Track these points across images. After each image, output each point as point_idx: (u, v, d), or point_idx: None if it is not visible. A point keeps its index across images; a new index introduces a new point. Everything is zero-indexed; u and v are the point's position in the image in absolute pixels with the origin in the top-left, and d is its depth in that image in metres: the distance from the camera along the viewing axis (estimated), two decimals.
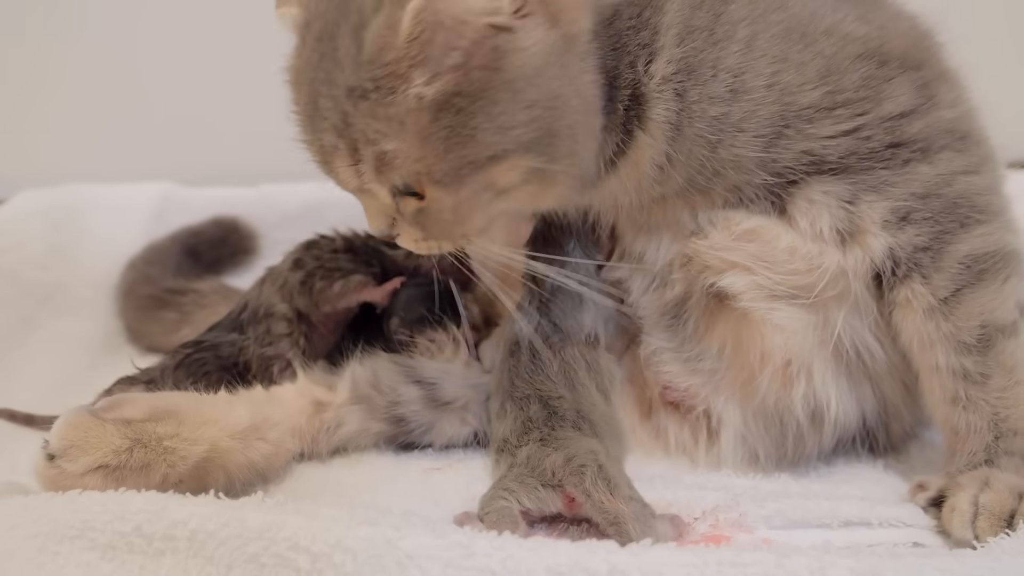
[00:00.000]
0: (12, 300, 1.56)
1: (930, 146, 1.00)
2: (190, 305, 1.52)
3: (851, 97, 0.99)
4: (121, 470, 0.91)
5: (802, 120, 0.98)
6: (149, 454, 0.93)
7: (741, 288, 1.05)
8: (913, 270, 1.00)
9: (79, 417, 0.94)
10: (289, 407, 1.11)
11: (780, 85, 0.97)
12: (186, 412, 1.00)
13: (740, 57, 0.96)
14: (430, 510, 0.98)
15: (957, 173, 1.01)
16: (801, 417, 1.08)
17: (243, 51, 1.96)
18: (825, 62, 0.98)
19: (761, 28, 0.97)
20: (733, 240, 1.05)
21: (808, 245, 1.02)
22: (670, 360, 1.13)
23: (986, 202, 1.01)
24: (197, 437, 0.98)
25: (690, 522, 0.94)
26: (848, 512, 0.96)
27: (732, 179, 1.02)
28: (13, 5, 1.98)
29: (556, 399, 1.04)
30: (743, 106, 0.97)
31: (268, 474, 1.06)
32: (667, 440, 1.15)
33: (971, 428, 0.99)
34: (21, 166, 1.98)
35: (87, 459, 0.91)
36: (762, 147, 0.98)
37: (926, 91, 1.02)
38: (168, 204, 1.82)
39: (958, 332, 0.98)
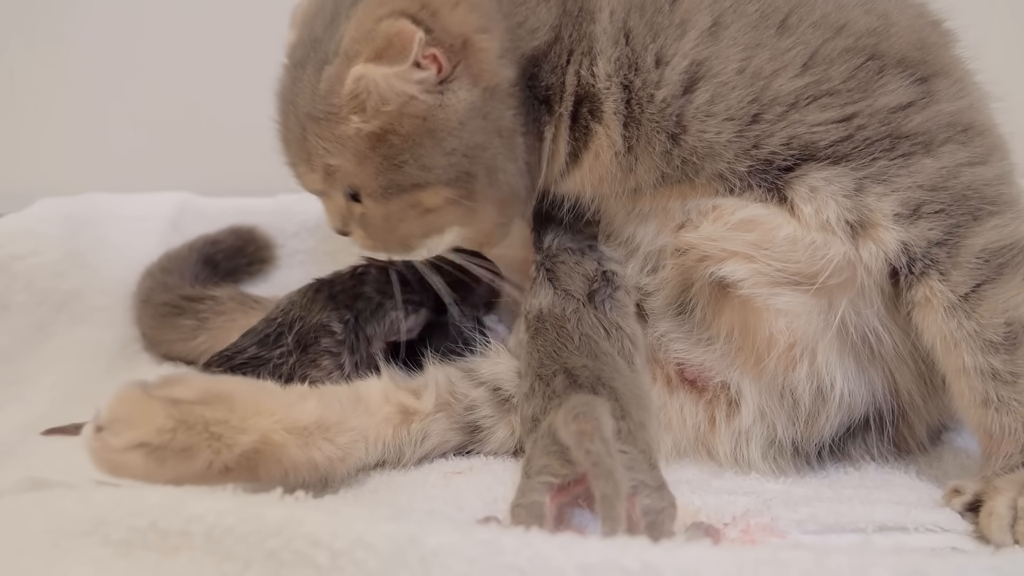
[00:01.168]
0: (29, 307, 1.55)
1: (932, 140, 1.00)
2: (207, 312, 1.51)
3: (838, 88, 1.00)
4: (162, 451, 0.87)
5: (782, 105, 1.00)
6: (193, 437, 0.89)
7: (742, 275, 1.06)
8: (930, 267, 0.98)
9: (129, 391, 0.90)
10: (375, 416, 1.07)
11: (751, 70, 1.00)
12: (240, 399, 0.95)
13: (698, 44, 1.02)
14: (452, 513, 0.95)
15: (962, 165, 1.00)
16: (808, 394, 1.07)
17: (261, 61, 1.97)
18: (808, 51, 1.01)
19: (730, 17, 1.02)
20: (728, 230, 1.05)
21: (812, 234, 1.02)
22: (680, 340, 1.14)
23: (996, 193, 1.00)
24: (247, 426, 0.93)
25: (720, 528, 0.91)
26: (884, 516, 0.93)
27: (711, 168, 1.04)
28: (30, 16, 1.99)
29: (579, 368, 1.03)
30: (707, 90, 1.01)
31: (331, 478, 1.00)
32: (684, 421, 1.14)
33: (1005, 430, 0.96)
34: (39, 178, 1.98)
35: (129, 434, 0.87)
36: (735, 131, 1.01)
37: (924, 86, 1.02)
38: (185, 213, 1.81)
39: (982, 330, 0.96)
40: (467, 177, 1.05)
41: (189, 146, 2.02)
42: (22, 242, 1.59)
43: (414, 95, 0.98)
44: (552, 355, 1.07)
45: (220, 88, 2.00)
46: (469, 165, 1.04)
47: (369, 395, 1.09)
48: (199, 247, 1.69)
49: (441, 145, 1.02)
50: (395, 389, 1.11)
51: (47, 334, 1.55)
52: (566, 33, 1.08)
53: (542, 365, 1.06)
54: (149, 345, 1.58)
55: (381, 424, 1.08)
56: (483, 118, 1.03)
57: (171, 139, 2.03)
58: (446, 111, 1.01)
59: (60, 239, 1.64)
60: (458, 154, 1.03)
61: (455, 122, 1.01)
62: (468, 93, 1.02)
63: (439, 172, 1.03)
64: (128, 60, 2.01)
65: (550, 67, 1.08)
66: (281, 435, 0.95)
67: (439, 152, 1.02)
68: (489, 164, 1.06)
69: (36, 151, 2.06)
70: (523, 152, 1.09)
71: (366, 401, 1.08)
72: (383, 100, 0.98)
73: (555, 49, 1.08)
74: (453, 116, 1.01)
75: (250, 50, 1.98)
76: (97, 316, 1.61)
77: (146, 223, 1.76)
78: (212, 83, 2.00)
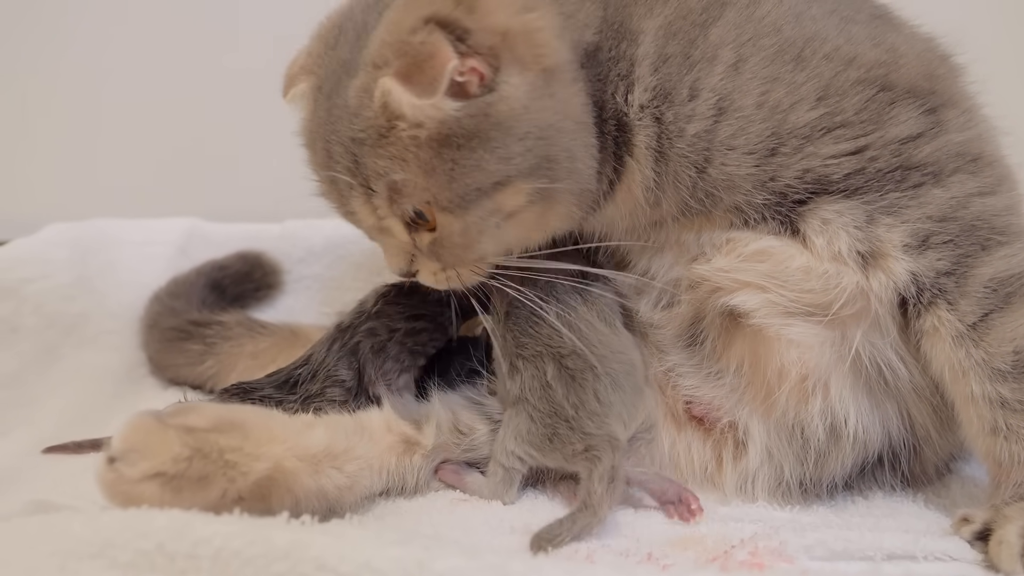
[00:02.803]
0: (37, 330, 1.55)
1: (941, 170, 1.01)
2: (214, 337, 1.52)
3: (851, 119, 1.01)
4: (179, 480, 0.87)
5: (797, 138, 1.01)
6: (209, 466, 0.88)
7: (754, 305, 1.06)
8: (938, 296, 0.99)
9: (142, 420, 0.89)
10: (379, 444, 1.07)
11: (770, 103, 1.01)
12: (253, 426, 0.95)
13: (724, 78, 1.02)
14: (459, 538, 0.95)
15: (972, 195, 1.00)
16: (820, 432, 1.07)
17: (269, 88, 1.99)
18: (822, 84, 1.02)
19: (749, 51, 1.02)
20: (741, 261, 1.06)
21: (824, 265, 1.02)
22: (690, 375, 1.13)
23: (1005, 223, 1.00)
24: (261, 453, 0.92)
25: (727, 549, 0.91)
26: (892, 545, 0.93)
27: (729, 200, 1.04)
28: (42, 44, 2.02)
29: (569, 355, 1.05)
30: (731, 124, 1.01)
31: (339, 507, 0.99)
32: (692, 460, 1.14)
33: (1015, 458, 0.96)
34: (48, 204, 1.99)
35: (145, 464, 0.86)
36: (754, 164, 1.02)
37: (933, 116, 1.03)
38: (193, 239, 1.82)
39: (991, 359, 0.96)
40: (548, 163, 0.98)
41: (197, 172, 2.04)
42: (31, 266, 1.60)
43: (450, 114, 0.93)
44: (532, 334, 1.09)
45: (228, 115, 2.02)
46: (547, 147, 0.98)
47: (372, 425, 1.09)
48: (206, 272, 1.70)
49: (513, 132, 0.95)
50: (397, 420, 1.11)
51: (55, 357, 1.55)
52: (606, 44, 1.04)
53: (521, 345, 1.08)
54: (156, 369, 1.58)
55: (385, 453, 1.07)
56: (550, 97, 0.98)
57: (179, 165, 2.04)
58: (506, 103, 0.95)
59: (69, 264, 1.64)
60: (532, 137, 0.96)
61: (518, 108, 0.95)
62: (522, 78, 0.96)
63: (518, 161, 0.96)
64: (137, 87, 2.03)
65: (595, 76, 1.04)
66: (293, 462, 0.94)
67: (513, 139, 0.95)
68: (566, 144, 1.00)
69: (46, 177, 2.07)
70: (595, 148, 1.04)
71: (369, 431, 1.08)
72: (416, 122, 0.93)
73: (598, 57, 1.04)
74: (514, 104, 0.95)
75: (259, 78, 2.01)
76: (105, 340, 1.61)
77: (154, 248, 1.77)
78: (220, 110, 2.02)
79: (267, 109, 1.96)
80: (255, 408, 1.04)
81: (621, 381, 1.05)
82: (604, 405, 1.02)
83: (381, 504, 1.07)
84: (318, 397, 1.16)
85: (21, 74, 2.04)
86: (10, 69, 2.03)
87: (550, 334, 1.08)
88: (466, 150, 0.94)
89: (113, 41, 2.02)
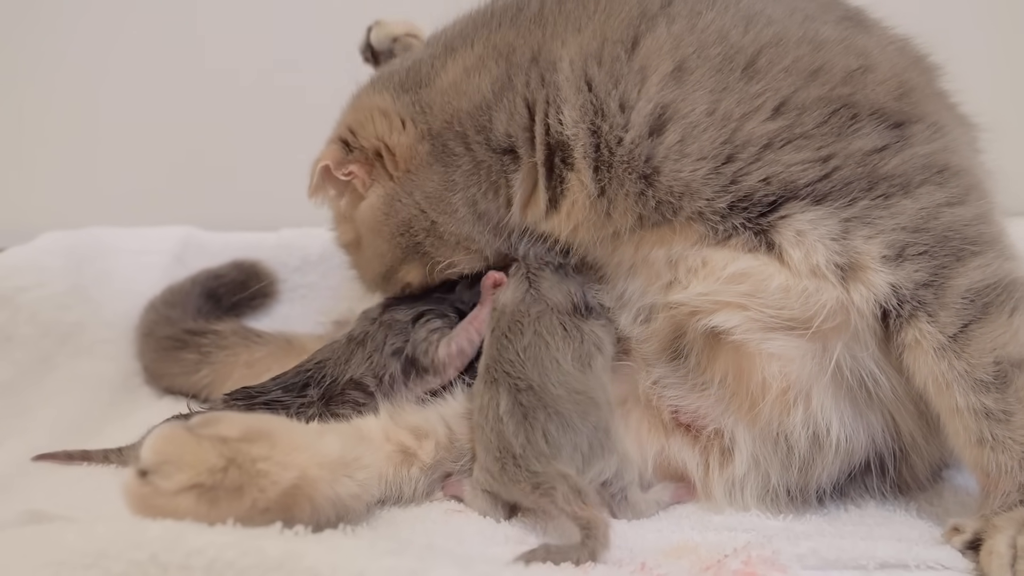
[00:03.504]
0: (32, 339, 1.55)
1: (909, 181, 1.02)
2: (210, 346, 1.52)
3: (811, 132, 1.02)
4: (215, 491, 0.85)
5: (755, 146, 1.03)
6: (243, 475, 0.87)
7: (735, 323, 1.07)
8: (918, 308, 0.99)
9: (175, 431, 0.88)
10: (378, 452, 1.07)
11: (721, 112, 1.03)
12: (279, 434, 0.94)
13: (663, 87, 1.05)
14: (453, 548, 0.95)
15: (941, 206, 1.01)
16: (803, 440, 1.07)
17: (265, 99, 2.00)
18: (779, 97, 1.03)
19: (694, 61, 1.06)
20: (719, 284, 1.06)
21: (804, 282, 1.02)
22: (675, 386, 1.14)
23: (977, 232, 1.01)
24: (289, 462, 0.91)
25: (720, 558, 0.91)
26: (885, 553, 0.93)
27: (689, 207, 1.05)
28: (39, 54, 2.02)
29: (525, 391, 1.04)
30: (677, 131, 1.04)
31: (348, 515, 0.98)
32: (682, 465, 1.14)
33: (1002, 468, 0.96)
34: (44, 212, 1.99)
35: (182, 476, 0.84)
36: (711, 169, 1.03)
37: (899, 130, 1.04)
38: (189, 248, 1.82)
39: (972, 370, 0.97)
40: (415, 246, 1.22)
41: (193, 181, 2.04)
42: (26, 275, 1.60)
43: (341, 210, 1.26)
44: (495, 355, 1.09)
45: (225, 124, 2.02)
46: (411, 237, 1.22)
47: (370, 433, 1.09)
48: (202, 281, 1.70)
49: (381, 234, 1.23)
50: (395, 428, 1.11)
51: (50, 367, 1.55)
52: (519, 82, 1.13)
53: (491, 359, 1.09)
54: (151, 379, 1.59)
55: (383, 462, 1.08)
56: (406, 196, 1.20)
57: (175, 174, 2.05)
58: (371, 210, 1.23)
59: (64, 272, 1.64)
60: (396, 235, 1.22)
61: (381, 214, 1.22)
62: (384, 187, 1.22)
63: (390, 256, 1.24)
64: (133, 96, 2.04)
65: (505, 116, 1.14)
66: (316, 470, 0.93)
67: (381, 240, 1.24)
68: (425, 227, 1.21)
69: (41, 185, 2.08)
70: (466, 204, 1.19)
71: (368, 439, 1.08)
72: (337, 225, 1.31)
73: (507, 98, 1.14)
74: (379, 210, 1.22)
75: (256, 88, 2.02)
76: (100, 349, 1.61)
77: (150, 257, 1.78)
78: (217, 119, 2.03)
79: (263, 118, 1.98)
80: (275, 416, 1.04)
81: (576, 423, 1.02)
82: (552, 447, 0.99)
83: (375, 513, 1.07)
84: (338, 399, 1.16)
85: (18, 83, 2.05)
86: (6, 78, 2.04)
87: (512, 361, 1.08)
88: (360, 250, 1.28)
89: (109, 50, 2.03)
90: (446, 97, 1.18)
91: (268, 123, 1.98)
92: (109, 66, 2.03)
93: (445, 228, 1.21)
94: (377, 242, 1.25)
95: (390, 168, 1.21)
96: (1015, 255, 1.04)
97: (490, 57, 1.16)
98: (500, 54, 1.16)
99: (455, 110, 1.17)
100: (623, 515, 1.05)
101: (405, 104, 1.21)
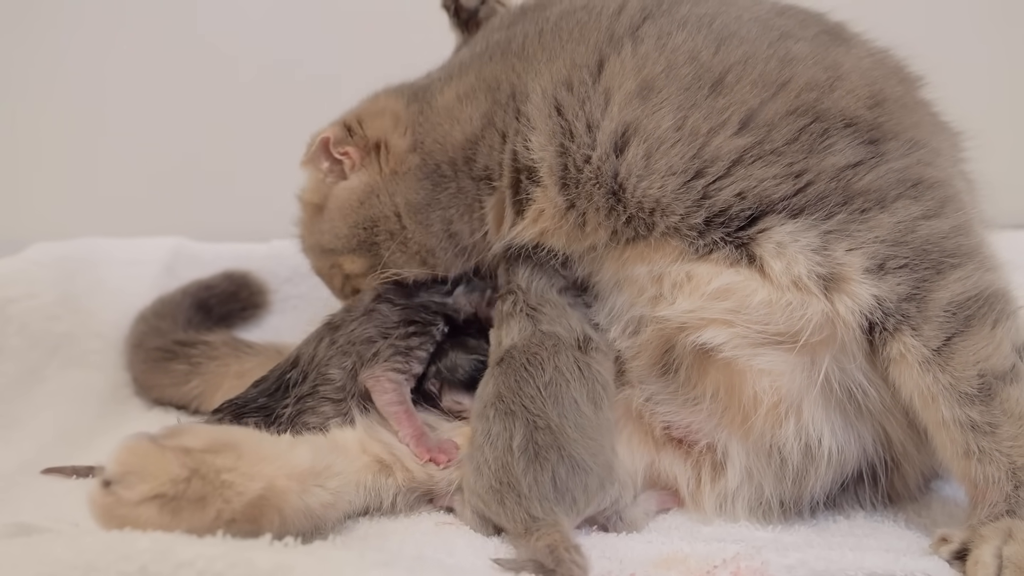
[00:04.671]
0: (22, 350, 1.54)
1: (884, 196, 1.03)
2: (200, 357, 1.51)
3: (781, 148, 1.03)
4: (178, 501, 0.86)
5: (724, 161, 1.04)
6: (206, 486, 0.88)
7: (723, 340, 1.07)
8: (902, 322, 1.00)
9: (139, 442, 0.89)
10: (355, 462, 1.08)
11: (688, 128, 1.04)
12: (246, 446, 0.95)
13: (625, 107, 1.08)
14: (443, 559, 0.95)
15: (917, 219, 1.02)
16: (795, 452, 1.08)
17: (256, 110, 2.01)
18: (744, 110, 1.05)
19: (662, 81, 1.08)
20: (704, 300, 1.07)
21: (787, 296, 1.03)
22: (667, 402, 1.14)
23: (955, 245, 1.02)
24: (255, 473, 0.92)
25: (709, 569, 0.91)
26: (873, 564, 0.93)
27: (663, 223, 1.07)
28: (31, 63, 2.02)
29: (543, 429, 1.02)
30: (642, 147, 1.06)
31: (324, 525, 1.00)
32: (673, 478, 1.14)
33: (989, 479, 0.97)
34: (35, 223, 2.00)
35: (144, 487, 0.85)
36: (679, 184, 1.05)
37: (873, 146, 1.05)
38: (180, 258, 1.82)
39: (957, 383, 0.98)
40: (371, 246, 1.27)
41: (184, 192, 2.04)
42: (16, 285, 1.59)
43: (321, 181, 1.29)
44: (513, 388, 1.07)
45: (215, 135, 2.03)
46: (369, 235, 1.26)
47: (346, 444, 1.10)
48: (193, 292, 1.70)
49: (346, 219, 1.28)
50: (370, 441, 1.12)
51: (39, 378, 1.54)
52: (498, 119, 1.19)
53: (499, 396, 1.07)
54: (140, 390, 1.58)
55: (361, 471, 1.09)
56: (386, 196, 1.25)
57: (166, 185, 2.05)
58: (348, 192, 1.27)
59: (54, 282, 1.64)
60: (358, 226, 1.26)
61: (356, 201, 1.27)
62: (369, 177, 1.26)
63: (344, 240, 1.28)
64: (125, 107, 2.04)
65: (487, 150, 1.19)
66: (284, 481, 0.94)
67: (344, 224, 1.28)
68: (392, 230, 1.25)
69: (33, 196, 2.07)
70: (442, 221, 1.23)
71: (343, 449, 1.09)
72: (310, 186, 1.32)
73: (488, 134, 1.19)
74: (355, 196, 1.27)
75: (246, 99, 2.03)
76: (89, 360, 1.61)
77: (140, 267, 1.78)
78: (208, 130, 2.03)
79: (255, 128, 1.99)
80: (245, 429, 1.05)
81: (588, 464, 1.00)
82: (559, 491, 0.98)
83: (365, 525, 1.07)
84: (310, 397, 1.16)
85: (9, 93, 2.05)
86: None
87: (533, 396, 1.06)
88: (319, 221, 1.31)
89: (101, 61, 2.03)
90: (439, 118, 1.23)
91: (260, 133, 1.98)
92: (101, 76, 2.04)
93: (414, 238, 1.25)
94: (338, 224, 1.29)
95: (382, 163, 1.26)
96: (996, 265, 1.04)
97: (480, 89, 1.21)
98: (488, 87, 1.21)
99: (447, 135, 1.22)
100: (617, 531, 1.05)
101: (412, 113, 1.27)
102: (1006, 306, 1.01)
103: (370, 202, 1.26)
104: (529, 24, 1.23)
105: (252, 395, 1.18)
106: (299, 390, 1.17)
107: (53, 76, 2.04)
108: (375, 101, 1.32)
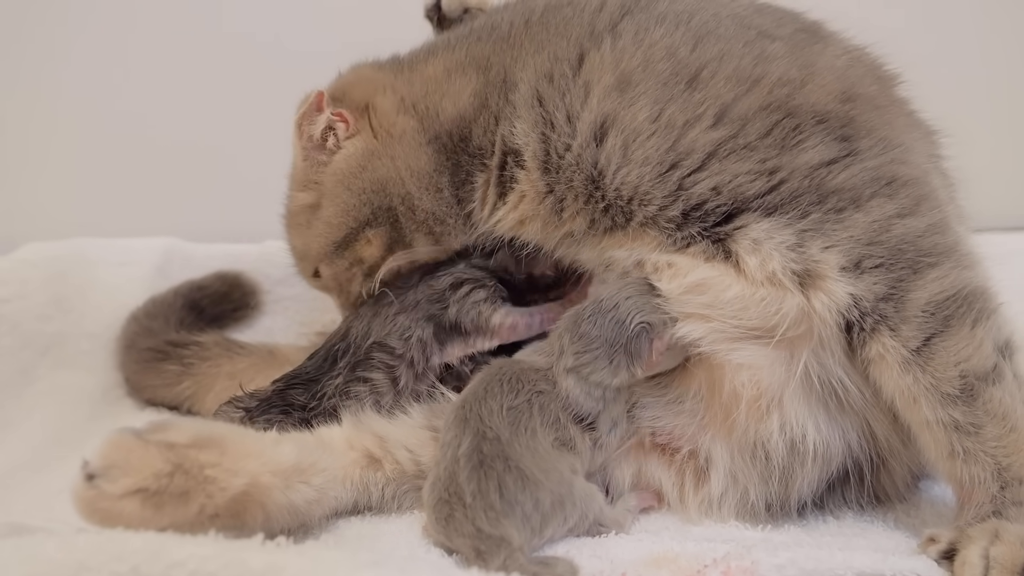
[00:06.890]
0: (12, 350, 1.54)
1: (859, 195, 1.03)
2: (192, 358, 1.52)
3: (755, 143, 1.05)
4: (160, 495, 0.87)
5: (699, 154, 1.06)
6: (189, 481, 0.89)
7: (700, 334, 1.08)
8: (880, 322, 1.00)
9: (122, 437, 0.90)
10: (342, 458, 1.09)
11: (664, 120, 1.07)
12: (230, 442, 0.96)
13: (604, 98, 1.11)
14: (435, 560, 0.95)
15: (892, 218, 1.02)
16: (781, 448, 1.08)
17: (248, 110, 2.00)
18: (719, 104, 1.07)
19: (639, 75, 1.11)
20: (682, 294, 1.08)
21: (761, 291, 1.04)
22: (652, 405, 1.14)
23: (931, 244, 1.02)
24: (238, 468, 0.93)
25: (700, 568, 0.92)
26: (862, 563, 0.94)
27: (641, 213, 1.09)
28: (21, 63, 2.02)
29: (491, 440, 0.99)
30: (619, 137, 1.09)
31: (309, 521, 1.01)
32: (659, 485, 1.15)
33: (975, 480, 0.98)
34: (27, 222, 1.99)
35: (127, 480, 0.86)
36: (656, 175, 1.07)
37: (845, 143, 1.06)
38: (172, 259, 1.82)
39: (939, 383, 0.98)
40: (388, 210, 1.24)
41: (176, 192, 2.04)
42: (8, 285, 1.59)
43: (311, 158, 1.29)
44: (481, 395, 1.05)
45: (207, 135, 2.02)
46: (382, 198, 1.24)
47: (333, 441, 1.11)
48: (185, 292, 1.70)
49: (351, 188, 1.25)
50: (359, 435, 1.12)
51: (31, 379, 1.54)
52: (492, 101, 1.21)
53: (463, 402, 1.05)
54: (132, 390, 1.58)
55: (349, 466, 1.09)
56: (387, 159, 1.24)
57: (158, 185, 2.04)
58: (347, 160, 1.26)
59: (46, 283, 1.64)
60: (369, 191, 1.24)
61: (357, 166, 1.26)
62: (365, 141, 1.26)
63: (356, 213, 1.25)
64: (117, 107, 2.04)
65: (481, 130, 1.22)
66: (268, 478, 0.95)
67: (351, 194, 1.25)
68: (402, 193, 1.24)
69: (24, 196, 2.07)
70: (449, 186, 1.25)
71: (330, 446, 1.10)
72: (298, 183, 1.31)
73: (483, 115, 1.22)
74: (355, 162, 1.26)
75: (239, 99, 2.02)
76: (81, 360, 1.61)
77: (132, 268, 1.77)
78: (199, 130, 2.03)
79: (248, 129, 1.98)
80: (229, 425, 1.06)
81: (538, 478, 0.96)
82: (507, 502, 0.93)
83: (358, 525, 1.07)
84: (361, 365, 1.21)
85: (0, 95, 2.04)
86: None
87: (492, 411, 1.02)
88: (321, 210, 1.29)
89: (93, 63, 2.02)
90: (427, 87, 1.26)
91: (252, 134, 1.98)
92: (92, 77, 2.03)
93: (421, 205, 1.24)
94: (345, 196, 1.26)
95: (373, 124, 1.26)
96: (974, 263, 1.05)
97: (471, 67, 1.24)
98: (479, 66, 1.23)
99: (438, 105, 1.25)
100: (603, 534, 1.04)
101: (392, 78, 1.29)
102: (986, 304, 1.01)
103: (372, 165, 1.25)
104: (516, 13, 1.26)
105: (307, 367, 1.23)
106: (350, 359, 1.21)
107: (43, 80, 2.03)
108: (352, 71, 1.35)
